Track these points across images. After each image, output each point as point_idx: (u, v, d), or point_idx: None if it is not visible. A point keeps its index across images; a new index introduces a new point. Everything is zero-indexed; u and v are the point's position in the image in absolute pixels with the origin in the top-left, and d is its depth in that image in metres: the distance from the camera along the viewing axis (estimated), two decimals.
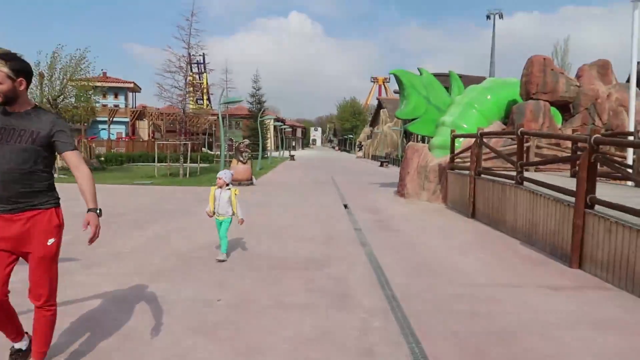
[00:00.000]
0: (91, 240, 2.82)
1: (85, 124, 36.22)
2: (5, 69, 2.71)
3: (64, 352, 3.37)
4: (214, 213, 6.12)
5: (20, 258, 2.91)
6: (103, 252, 6.38)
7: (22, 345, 3.09)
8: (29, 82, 2.84)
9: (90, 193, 2.87)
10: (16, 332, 3.05)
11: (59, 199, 2.99)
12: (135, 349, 3.48)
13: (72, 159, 2.87)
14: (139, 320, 4.04)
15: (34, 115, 2.85)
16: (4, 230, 2.81)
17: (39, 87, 21.32)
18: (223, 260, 5.99)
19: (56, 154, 2.93)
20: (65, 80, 20.97)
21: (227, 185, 6.10)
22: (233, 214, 6.12)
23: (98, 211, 2.87)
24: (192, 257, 6.20)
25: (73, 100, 22.78)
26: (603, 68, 12.78)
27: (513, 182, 8.28)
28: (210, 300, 4.57)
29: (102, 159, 27.33)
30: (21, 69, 2.78)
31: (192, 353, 3.44)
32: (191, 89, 25.09)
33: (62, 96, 21.09)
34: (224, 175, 6.10)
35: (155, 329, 3.85)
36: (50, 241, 2.87)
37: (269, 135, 52.46)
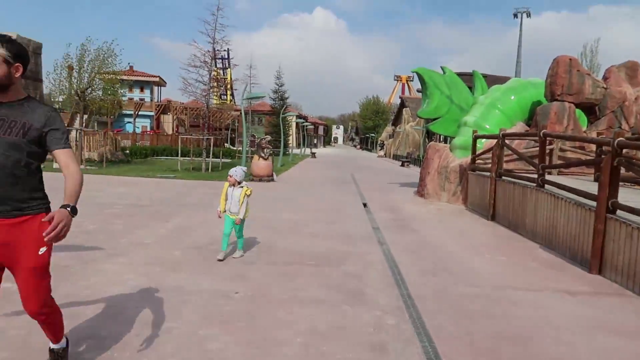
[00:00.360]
0: (49, 237, 2.29)
1: (112, 117, 36.97)
2: (3, 52, 2.41)
3: (86, 337, 3.50)
4: (224, 212, 5.99)
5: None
6: (126, 242, 6.55)
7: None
8: (25, 69, 2.54)
9: (72, 191, 2.49)
10: None
11: (49, 202, 2.68)
12: (154, 335, 3.59)
13: (62, 157, 2.54)
14: (158, 308, 4.16)
15: (27, 105, 2.54)
16: None
17: (68, 80, 21.82)
18: (240, 257, 6.05)
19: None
20: (93, 73, 21.40)
21: (239, 183, 5.96)
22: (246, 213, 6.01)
23: (70, 209, 2.42)
24: (212, 250, 6.32)
25: (100, 93, 23.26)
26: (632, 70, 12.51)
27: (534, 184, 8.20)
28: (227, 292, 4.67)
29: (127, 151, 27.85)
30: (18, 54, 2.48)
31: (208, 342, 3.54)
32: (215, 84, 25.34)
33: (90, 89, 21.53)
34: (234, 173, 5.93)
35: (174, 317, 3.96)
36: (42, 250, 2.56)
37: (290, 132, 52.64)
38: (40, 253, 2.56)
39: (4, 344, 3.36)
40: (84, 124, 22.93)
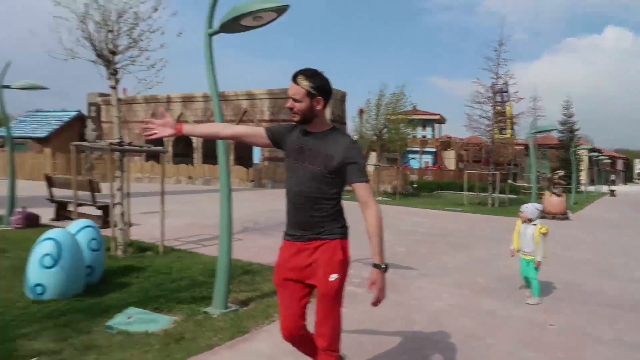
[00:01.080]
0: (375, 303, 2.57)
1: (399, 154, 40.31)
2: (306, 84, 2.53)
3: (419, 338, 4.18)
4: (517, 251, 5.69)
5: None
6: (433, 265, 7.28)
7: None
8: (326, 101, 2.61)
9: (378, 242, 2.54)
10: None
11: (347, 229, 2.73)
12: (477, 347, 4.02)
13: (361, 191, 2.57)
14: (476, 325, 4.58)
15: (330, 137, 2.63)
16: (293, 260, 2.69)
17: (360, 122, 25.06)
18: (537, 304, 5.47)
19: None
20: (388, 114, 24.04)
21: (531, 220, 5.57)
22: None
23: (384, 267, 2.54)
24: (514, 283, 6.40)
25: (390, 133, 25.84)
26: None
27: None
28: (541, 323, 4.76)
29: (415, 185, 29.90)
30: (320, 87, 2.56)
31: None
32: (498, 118, 25.17)
33: (386, 129, 24.18)
34: (525, 209, 5.62)
35: (492, 336, 4.32)
36: (333, 277, 2.58)
37: (582, 167, 47.36)
38: (330, 279, 2.58)
39: None
40: (379, 160, 25.80)
